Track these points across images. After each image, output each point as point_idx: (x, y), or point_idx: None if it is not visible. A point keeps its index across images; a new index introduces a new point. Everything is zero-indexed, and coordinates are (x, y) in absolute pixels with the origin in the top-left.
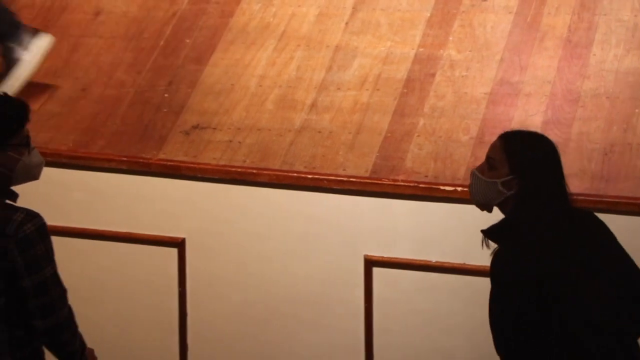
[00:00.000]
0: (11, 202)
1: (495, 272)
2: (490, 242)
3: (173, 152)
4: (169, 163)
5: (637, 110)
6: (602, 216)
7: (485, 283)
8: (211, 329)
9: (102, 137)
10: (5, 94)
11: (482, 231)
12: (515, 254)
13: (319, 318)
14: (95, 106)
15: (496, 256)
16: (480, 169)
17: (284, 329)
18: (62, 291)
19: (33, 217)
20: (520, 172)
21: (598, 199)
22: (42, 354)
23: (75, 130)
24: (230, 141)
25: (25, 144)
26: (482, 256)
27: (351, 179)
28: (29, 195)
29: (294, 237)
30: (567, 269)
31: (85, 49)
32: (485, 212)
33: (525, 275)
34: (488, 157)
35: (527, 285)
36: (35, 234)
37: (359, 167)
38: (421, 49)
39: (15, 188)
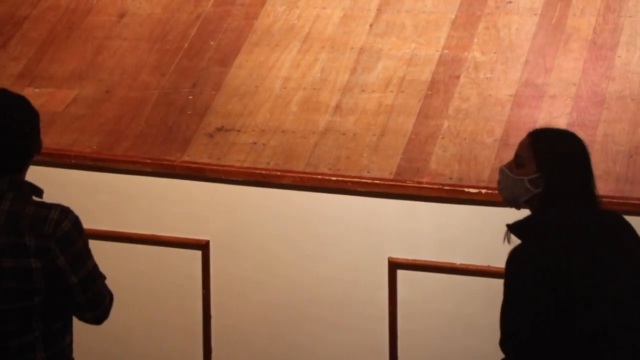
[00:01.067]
0: (40, 200)
1: (513, 269)
2: (512, 238)
3: (197, 154)
4: (193, 165)
5: None
6: (627, 218)
7: None
8: (235, 331)
9: (126, 139)
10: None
11: (508, 225)
12: (535, 251)
13: (343, 320)
14: (119, 108)
15: (514, 253)
16: (508, 166)
17: (308, 331)
18: (103, 283)
19: (67, 212)
20: (547, 170)
21: (623, 201)
22: (71, 351)
23: (99, 133)
24: (255, 143)
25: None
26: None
27: (375, 181)
28: (53, 198)
29: (318, 239)
30: (587, 271)
31: (109, 51)
32: (510, 212)
33: (544, 274)
34: (516, 155)
35: (544, 285)
36: (73, 230)
37: (383, 169)
38: (446, 51)
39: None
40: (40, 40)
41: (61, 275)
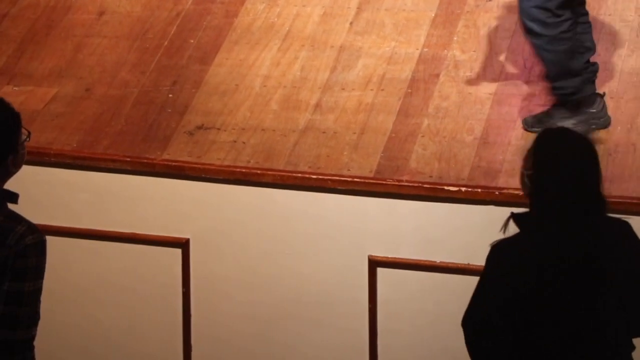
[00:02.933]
0: (12, 210)
1: (492, 256)
2: (508, 228)
3: (177, 152)
4: (173, 163)
5: None
6: None
7: None
8: (215, 329)
9: (106, 137)
10: (1, 98)
11: (512, 213)
12: (516, 245)
13: (323, 318)
14: (99, 106)
15: (499, 243)
16: (525, 155)
17: (288, 329)
18: (33, 315)
19: (34, 231)
20: (538, 168)
21: None
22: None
23: (79, 131)
24: (235, 141)
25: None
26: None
27: (355, 180)
28: (33, 196)
29: (298, 238)
30: (560, 276)
31: (89, 49)
32: (490, 212)
33: (517, 267)
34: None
35: (515, 277)
36: (32, 247)
37: (363, 167)
38: (425, 49)
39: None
40: (19, 38)
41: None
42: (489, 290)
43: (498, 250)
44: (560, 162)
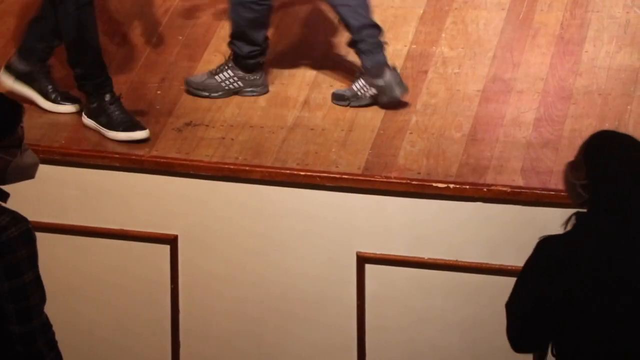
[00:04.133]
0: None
1: (537, 253)
2: (568, 224)
3: (165, 149)
4: (162, 160)
5: (628, 107)
6: None
7: (477, 279)
8: (203, 325)
9: (94, 133)
10: (1, 94)
11: (576, 212)
12: (565, 245)
13: (311, 315)
14: None
15: (545, 239)
16: (571, 165)
17: (276, 326)
18: (42, 299)
19: (18, 221)
20: (594, 180)
21: None
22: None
23: (67, 127)
24: (223, 138)
25: (17, 145)
26: (475, 253)
27: (344, 176)
28: (21, 192)
29: (287, 234)
30: (604, 285)
31: None
32: (478, 209)
33: (560, 268)
34: (576, 156)
35: (557, 278)
36: (18, 239)
37: (351, 164)
38: (413, 46)
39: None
40: (8, 35)
41: None
42: (529, 290)
43: (550, 246)
44: (621, 175)
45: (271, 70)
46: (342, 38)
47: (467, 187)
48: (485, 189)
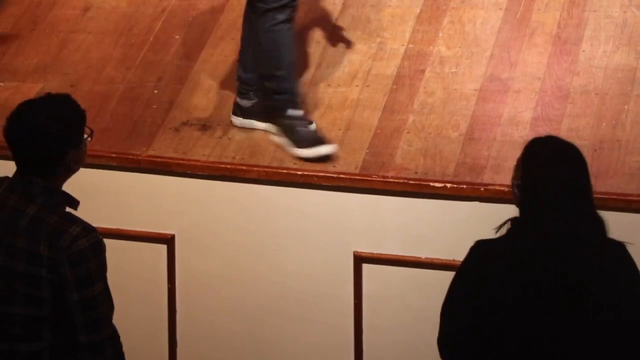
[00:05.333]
0: (71, 211)
1: (468, 260)
2: (502, 228)
3: (162, 148)
4: (159, 159)
5: (626, 107)
6: None
7: None
8: (200, 325)
9: None
10: (67, 95)
11: (510, 219)
12: (497, 250)
13: (308, 314)
14: (84, 102)
15: (477, 244)
16: (516, 163)
17: (273, 325)
18: (110, 310)
19: (88, 232)
20: (524, 180)
21: None
22: None
23: None
24: (220, 137)
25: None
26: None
27: (341, 176)
28: None
29: (284, 234)
30: (526, 297)
31: (74, 45)
32: (475, 208)
33: (493, 275)
34: (521, 154)
35: (491, 286)
36: (89, 250)
37: (348, 163)
38: (411, 45)
39: None
40: (4, 34)
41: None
42: (464, 303)
43: (482, 250)
44: (547, 171)
45: None
46: (339, 37)
47: (464, 186)
48: (482, 189)
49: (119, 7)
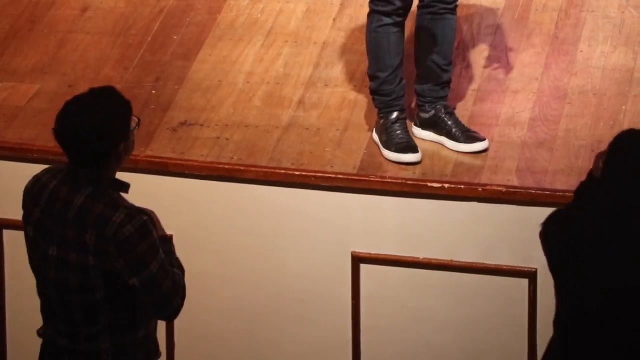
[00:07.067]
0: (114, 197)
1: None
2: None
3: (160, 149)
4: (157, 160)
5: (624, 107)
6: None
7: (472, 279)
8: (198, 325)
9: None
10: (112, 88)
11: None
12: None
13: (306, 314)
14: None
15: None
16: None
17: (272, 325)
18: (173, 280)
19: (132, 217)
20: (606, 164)
21: None
22: (151, 343)
23: None
24: (218, 138)
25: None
26: (470, 253)
27: (339, 176)
28: (15, 193)
29: (282, 234)
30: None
31: (72, 45)
32: (473, 209)
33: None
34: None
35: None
36: (135, 235)
37: (346, 164)
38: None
39: None
40: (2, 34)
41: (120, 276)
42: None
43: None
44: (623, 167)
45: (266, 70)
46: (338, 37)
47: (462, 187)
48: (480, 189)
49: (117, 8)
